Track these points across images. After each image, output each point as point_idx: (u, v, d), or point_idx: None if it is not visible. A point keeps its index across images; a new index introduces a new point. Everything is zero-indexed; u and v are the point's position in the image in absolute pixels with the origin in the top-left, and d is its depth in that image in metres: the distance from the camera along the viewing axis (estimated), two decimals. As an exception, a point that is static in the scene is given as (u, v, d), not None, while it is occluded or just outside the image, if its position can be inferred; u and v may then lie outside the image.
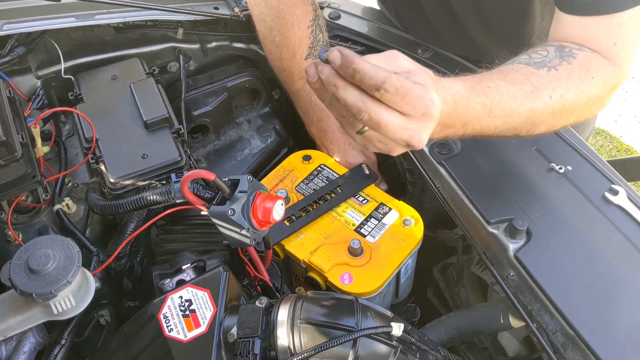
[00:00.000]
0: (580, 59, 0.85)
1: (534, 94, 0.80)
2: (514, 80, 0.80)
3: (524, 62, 0.83)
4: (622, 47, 0.87)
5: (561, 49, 0.86)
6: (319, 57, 0.66)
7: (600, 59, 0.87)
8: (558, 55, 0.85)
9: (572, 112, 0.85)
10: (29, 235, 0.95)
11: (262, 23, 1.15)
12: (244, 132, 1.34)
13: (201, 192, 0.83)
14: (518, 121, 0.81)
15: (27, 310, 0.76)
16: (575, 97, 0.83)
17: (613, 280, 0.82)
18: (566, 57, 0.85)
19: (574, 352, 0.78)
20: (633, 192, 0.91)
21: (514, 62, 0.84)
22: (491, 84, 0.77)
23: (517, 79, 0.80)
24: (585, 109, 0.86)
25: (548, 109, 0.82)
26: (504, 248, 0.86)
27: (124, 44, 1.24)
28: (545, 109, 0.82)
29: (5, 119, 0.89)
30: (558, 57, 0.85)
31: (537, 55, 0.85)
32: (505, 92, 0.78)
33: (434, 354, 0.81)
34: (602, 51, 0.87)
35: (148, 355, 0.79)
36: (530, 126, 0.83)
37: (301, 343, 0.75)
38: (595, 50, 0.87)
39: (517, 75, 0.81)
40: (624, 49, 0.88)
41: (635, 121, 2.90)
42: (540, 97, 0.80)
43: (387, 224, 1.00)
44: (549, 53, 0.85)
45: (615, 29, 0.87)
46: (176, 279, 0.85)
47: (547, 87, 0.81)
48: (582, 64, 0.84)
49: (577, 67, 0.84)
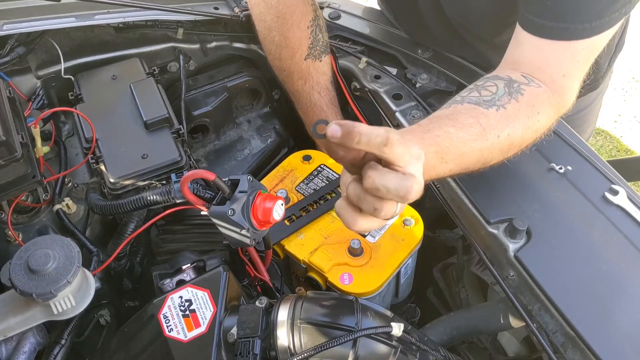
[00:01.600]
0: (527, 96, 0.87)
1: (483, 136, 0.82)
2: (463, 125, 0.82)
3: (474, 102, 0.86)
4: (569, 78, 0.89)
5: (510, 85, 0.88)
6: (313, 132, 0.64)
7: (546, 93, 0.88)
8: (507, 92, 0.87)
9: (519, 146, 0.88)
10: (29, 235, 0.95)
11: (262, 23, 1.15)
12: (244, 132, 1.34)
13: (201, 192, 0.83)
14: (469, 162, 0.84)
15: (27, 310, 0.76)
16: (522, 133, 0.86)
17: (613, 280, 0.82)
18: (514, 94, 0.87)
19: (574, 352, 0.78)
20: (633, 192, 0.91)
21: (463, 100, 0.86)
22: (440, 132, 0.80)
23: (467, 122, 0.83)
24: (531, 141, 0.89)
25: (496, 148, 0.84)
26: (504, 248, 0.86)
27: (124, 44, 1.24)
28: (494, 149, 0.84)
29: (5, 119, 0.89)
30: (507, 95, 0.87)
31: (486, 92, 0.87)
32: (455, 138, 0.80)
33: (434, 354, 0.81)
34: (551, 81, 0.89)
35: (148, 355, 0.79)
36: (481, 165, 0.86)
37: (301, 343, 0.75)
38: (544, 79, 0.89)
39: (466, 119, 0.83)
40: (571, 80, 0.90)
41: (635, 121, 2.90)
42: (488, 138, 0.83)
43: (387, 224, 1.00)
44: (498, 90, 0.87)
45: (568, 59, 0.88)
46: (176, 279, 0.85)
47: (496, 127, 0.84)
48: (529, 101, 0.87)
49: (524, 104, 0.86)
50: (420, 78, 1.15)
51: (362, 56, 1.22)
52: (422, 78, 1.15)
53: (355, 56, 1.23)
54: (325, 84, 1.17)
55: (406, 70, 1.18)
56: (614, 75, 1.42)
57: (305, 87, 1.16)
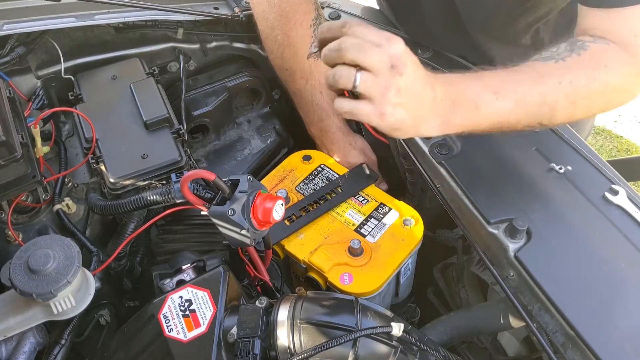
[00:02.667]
0: (592, 51, 0.86)
1: (541, 80, 0.81)
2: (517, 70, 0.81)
3: (532, 60, 0.85)
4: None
5: (573, 43, 0.87)
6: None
7: (616, 49, 0.87)
8: (568, 49, 0.86)
9: (590, 99, 0.85)
10: (29, 235, 0.95)
11: (265, 22, 1.15)
12: (244, 132, 1.34)
13: (201, 192, 0.83)
14: (532, 104, 0.81)
15: (27, 310, 0.76)
16: (588, 83, 0.84)
17: (613, 280, 0.82)
18: (576, 50, 0.85)
19: (574, 352, 0.78)
20: (633, 192, 0.91)
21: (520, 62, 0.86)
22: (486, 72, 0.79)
23: (522, 69, 0.82)
24: (606, 97, 0.87)
25: (560, 94, 0.82)
26: (504, 248, 0.86)
27: (124, 44, 1.24)
28: (557, 94, 0.82)
29: (5, 119, 0.89)
30: (568, 50, 0.86)
31: (547, 52, 0.86)
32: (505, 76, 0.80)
33: (434, 354, 0.81)
34: (622, 43, 0.88)
35: (148, 355, 0.79)
36: (548, 110, 0.83)
37: (301, 343, 0.75)
38: (615, 42, 0.88)
39: (522, 67, 0.82)
40: None
41: (635, 121, 2.90)
42: (547, 83, 0.81)
43: (387, 224, 1.00)
44: (559, 48, 0.86)
45: (636, 21, 0.87)
46: (176, 279, 0.85)
47: (555, 74, 0.82)
48: (593, 55, 0.85)
49: (587, 57, 0.85)
50: (421, 78, 1.15)
51: (362, 56, 1.22)
52: (422, 78, 1.15)
53: (355, 56, 1.23)
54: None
55: (406, 70, 1.18)
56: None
57: (307, 86, 1.16)
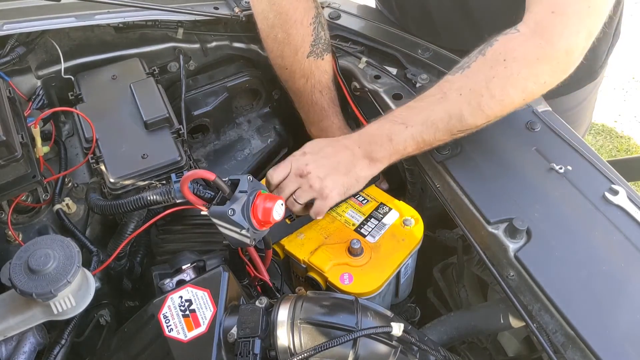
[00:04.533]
0: (495, 47, 0.90)
1: (443, 99, 0.91)
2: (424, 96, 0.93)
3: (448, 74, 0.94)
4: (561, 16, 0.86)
5: (485, 43, 0.92)
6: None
7: (521, 37, 0.89)
8: (477, 51, 0.92)
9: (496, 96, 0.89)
10: (29, 235, 0.95)
11: (265, 21, 1.14)
12: (244, 132, 1.34)
13: (201, 192, 0.83)
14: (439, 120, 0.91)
15: (27, 310, 0.76)
16: (487, 83, 0.89)
17: (613, 280, 0.82)
18: (483, 50, 0.91)
19: (574, 352, 0.78)
20: (633, 192, 0.91)
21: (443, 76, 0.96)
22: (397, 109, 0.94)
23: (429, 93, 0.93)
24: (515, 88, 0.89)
25: (462, 104, 0.90)
26: (504, 248, 0.86)
27: (124, 44, 1.24)
28: (460, 105, 0.90)
29: (5, 119, 0.89)
30: (477, 53, 0.92)
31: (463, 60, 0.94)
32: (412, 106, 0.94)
33: (434, 354, 0.81)
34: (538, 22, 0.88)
35: (148, 355, 0.79)
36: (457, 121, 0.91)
37: (301, 343, 0.75)
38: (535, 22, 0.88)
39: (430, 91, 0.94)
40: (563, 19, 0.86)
41: (635, 121, 2.90)
42: (449, 99, 0.91)
43: (387, 224, 1.00)
44: (473, 52, 0.93)
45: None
46: (176, 279, 0.85)
47: (456, 87, 0.91)
48: (495, 51, 0.90)
49: (489, 56, 0.90)
50: (420, 78, 1.15)
51: (362, 56, 1.22)
52: (422, 78, 1.15)
53: (355, 56, 1.23)
54: (326, 83, 1.17)
55: (406, 70, 1.18)
56: (614, 75, 1.42)
57: (306, 86, 1.16)
